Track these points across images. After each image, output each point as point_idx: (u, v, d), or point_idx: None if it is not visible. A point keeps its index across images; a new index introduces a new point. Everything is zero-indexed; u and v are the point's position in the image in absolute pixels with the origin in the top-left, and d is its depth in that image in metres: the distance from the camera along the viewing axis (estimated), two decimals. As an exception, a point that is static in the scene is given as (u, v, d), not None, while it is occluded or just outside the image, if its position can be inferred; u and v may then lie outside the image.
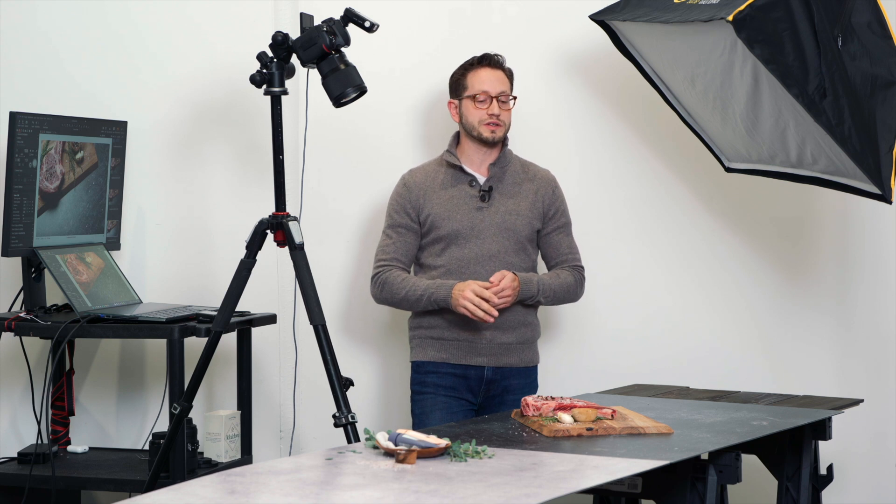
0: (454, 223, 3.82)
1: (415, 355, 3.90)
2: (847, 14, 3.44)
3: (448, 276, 3.80)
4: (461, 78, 3.88)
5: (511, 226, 3.83)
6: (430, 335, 3.84)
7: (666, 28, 3.61)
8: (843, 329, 4.25)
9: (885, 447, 4.22)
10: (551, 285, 3.83)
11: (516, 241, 3.84)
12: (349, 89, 3.62)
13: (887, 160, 3.43)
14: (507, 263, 3.81)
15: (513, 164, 3.91)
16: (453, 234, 3.82)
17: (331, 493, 2.51)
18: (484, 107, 3.83)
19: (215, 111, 4.47)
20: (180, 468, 3.89)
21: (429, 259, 3.85)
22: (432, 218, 3.83)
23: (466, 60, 3.91)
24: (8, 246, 4.01)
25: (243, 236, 3.72)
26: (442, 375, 3.84)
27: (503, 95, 3.84)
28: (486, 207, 3.83)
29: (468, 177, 3.87)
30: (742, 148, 3.92)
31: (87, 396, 4.56)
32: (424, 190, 3.87)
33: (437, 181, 3.88)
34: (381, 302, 3.89)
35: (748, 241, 4.28)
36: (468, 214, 3.83)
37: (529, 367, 3.90)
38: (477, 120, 3.84)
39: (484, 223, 3.82)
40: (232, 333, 4.17)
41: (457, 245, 3.82)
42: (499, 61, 3.89)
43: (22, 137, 4.01)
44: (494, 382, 3.84)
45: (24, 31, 4.55)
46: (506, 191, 3.87)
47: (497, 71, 3.87)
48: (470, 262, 3.80)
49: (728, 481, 2.99)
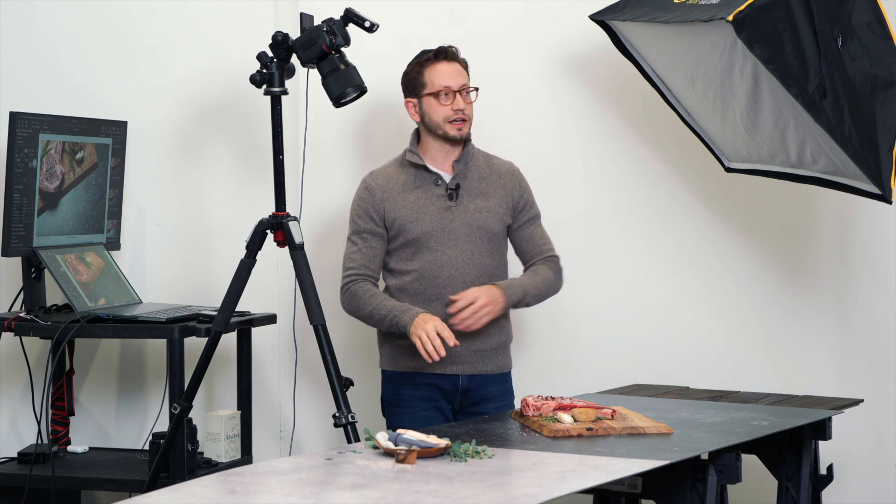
0: (423, 225, 3.65)
1: (385, 363, 3.74)
2: (847, 14, 3.44)
3: (421, 282, 3.65)
4: (417, 75, 3.69)
5: (483, 224, 3.68)
6: (403, 343, 3.64)
7: (666, 28, 3.61)
8: (843, 329, 4.25)
9: (885, 447, 4.22)
10: (535, 285, 3.68)
11: (489, 239, 3.68)
12: (349, 89, 3.61)
13: (887, 160, 3.43)
14: (480, 265, 3.66)
15: (476, 160, 3.73)
16: (423, 236, 3.65)
17: (331, 493, 2.51)
18: (448, 102, 3.65)
19: (215, 111, 4.47)
20: (180, 468, 3.89)
21: (399, 264, 3.69)
22: (399, 222, 3.65)
23: (418, 55, 3.73)
24: (8, 246, 4.01)
25: (243, 236, 3.72)
26: (417, 387, 3.69)
27: (465, 88, 3.67)
28: (454, 206, 3.67)
29: (433, 175, 3.68)
30: (742, 148, 3.92)
31: (87, 396, 4.56)
32: (387, 193, 3.68)
33: (400, 182, 3.69)
34: (349, 313, 3.72)
35: (748, 241, 4.28)
36: (437, 215, 3.67)
37: (505, 374, 3.77)
38: (442, 118, 3.66)
39: (454, 223, 3.67)
40: (232, 333, 4.17)
41: (428, 249, 3.65)
42: (454, 53, 3.70)
43: (22, 137, 4.01)
44: (470, 392, 3.69)
45: (24, 31, 4.56)
46: (473, 187, 3.70)
47: (454, 63, 3.68)
48: (443, 266, 3.64)
49: (728, 481, 2.99)
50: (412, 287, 3.67)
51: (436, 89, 3.67)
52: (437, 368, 3.65)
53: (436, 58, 3.69)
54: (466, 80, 3.70)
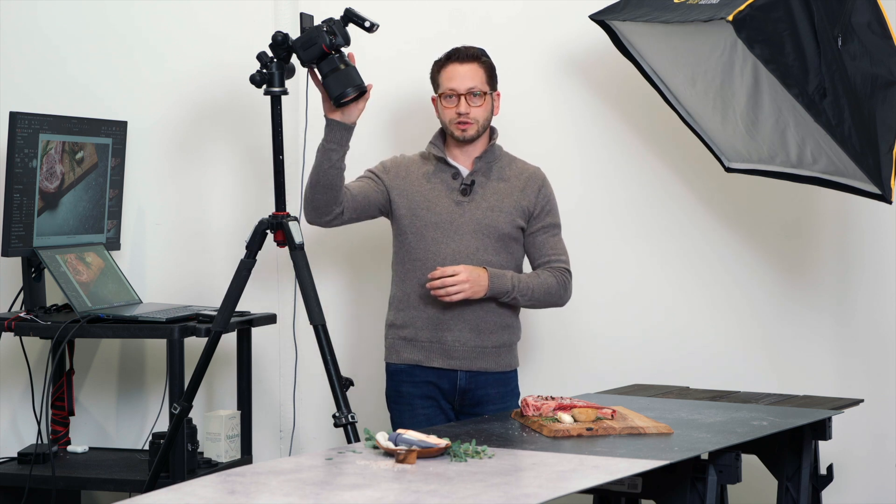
0: (433, 215, 3.67)
1: (388, 356, 3.77)
2: (847, 14, 3.44)
3: (424, 270, 3.65)
4: (434, 74, 3.73)
5: (491, 222, 3.68)
6: (402, 335, 3.70)
7: (666, 28, 3.61)
8: (843, 329, 4.25)
9: (885, 447, 4.22)
10: (529, 284, 3.66)
11: (496, 238, 3.68)
12: (349, 89, 3.61)
13: (887, 160, 3.43)
14: (485, 262, 3.66)
15: (500, 160, 3.76)
16: (431, 226, 3.67)
17: (331, 493, 2.51)
18: (452, 105, 3.67)
19: (215, 111, 4.47)
20: (180, 468, 3.89)
21: (404, 251, 3.71)
22: (411, 208, 3.69)
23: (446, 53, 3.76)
24: (8, 246, 4.01)
25: (243, 236, 3.72)
26: (417, 384, 3.70)
27: (473, 90, 3.65)
28: (465, 202, 3.69)
29: (452, 169, 3.72)
30: (742, 148, 3.92)
31: (87, 396, 4.56)
32: (408, 173, 3.73)
33: (421, 171, 3.73)
34: (307, 193, 3.65)
35: (748, 241, 4.28)
36: (447, 208, 3.69)
37: (507, 372, 3.75)
38: (447, 119, 3.69)
39: (463, 218, 3.68)
40: (232, 333, 4.17)
41: (433, 239, 3.67)
42: (470, 54, 3.69)
43: (22, 137, 4.01)
44: (469, 392, 3.69)
45: (24, 31, 4.56)
46: (490, 186, 3.72)
47: (466, 65, 3.67)
48: (446, 258, 3.65)
49: (728, 481, 2.99)
50: (415, 275, 3.69)
51: (442, 91, 3.70)
52: (435, 362, 3.67)
53: (448, 59, 3.71)
54: (477, 83, 3.68)
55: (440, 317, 3.66)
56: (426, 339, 3.68)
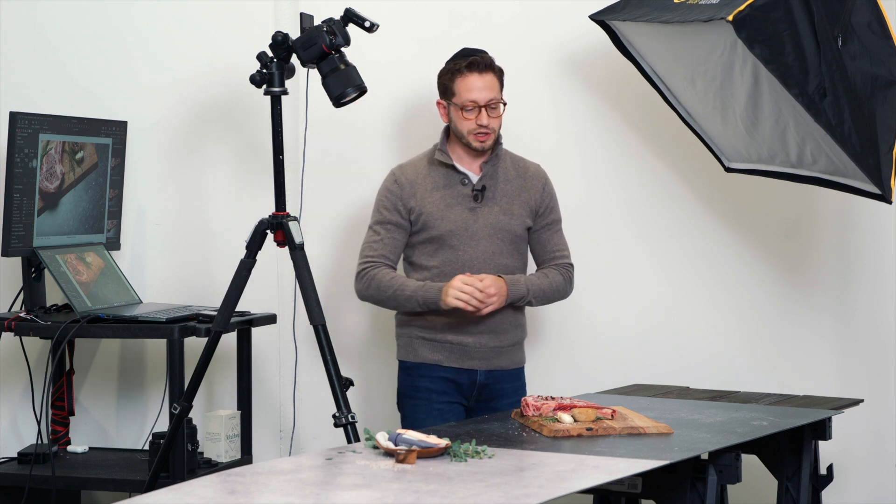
0: (448, 224, 3.71)
1: (403, 354, 3.79)
2: (847, 14, 3.44)
3: (441, 278, 3.69)
4: (449, 82, 3.70)
5: (505, 226, 3.74)
6: (422, 335, 3.74)
7: (666, 28, 3.61)
8: (843, 329, 4.25)
9: (885, 447, 4.22)
10: (541, 286, 3.74)
11: (510, 241, 3.75)
12: (349, 89, 3.61)
13: (887, 160, 3.43)
14: (501, 265, 3.72)
15: (505, 163, 3.79)
16: (447, 234, 3.71)
17: (331, 493, 2.51)
18: (472, 116, 3.67)
19: (215, 111, 4.47)
20: (180, 468, 3.89)
21: (421, 259, 3.75)
22: (425, 217, 3.72)
23: (454, 59, 3.74)
24: (8, 246, 4.01)
25: (243, 236, 3.72)
26: (434, 380, 3.74)
27: (492, 102, 3.68)
28: (479, 208, 3.73)
29: (461, 175, 3.74)
30: (742, 148, 3.92)
31: (87, 396, 4.56)
32: (416, 188, 3.73)
33: (430, 180, 3.75)
34: (365, 299, 3.76)
35: (748, 241, 4.28)
36: (462, 215, 3.72)
37: (519, 369, 3.84)
38: (466, 130, 3.69)
39: (478, 224, 3.72)
40: (232, 333, 4.17)
41: (451, 247, 3.71)
42: (487, 63, 3.70)
43: (22, 137, 4.01)
44: (487, 387, 3.76)
45: (24, 31, 4.56)
46: (498, 189, 3.75)
47: (485, 76, 3.68)
48: (464, 265, 3.70)
49: (728, 481, 2.99)
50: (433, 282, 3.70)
51: (462, 102, 3.69)
52: (455, 363, 3.72)
53: (468, 69, 3.69)
54: (495, 94, 3.70)
55: (460, 322, 3.70)
56: (446, 341, 3.73)
